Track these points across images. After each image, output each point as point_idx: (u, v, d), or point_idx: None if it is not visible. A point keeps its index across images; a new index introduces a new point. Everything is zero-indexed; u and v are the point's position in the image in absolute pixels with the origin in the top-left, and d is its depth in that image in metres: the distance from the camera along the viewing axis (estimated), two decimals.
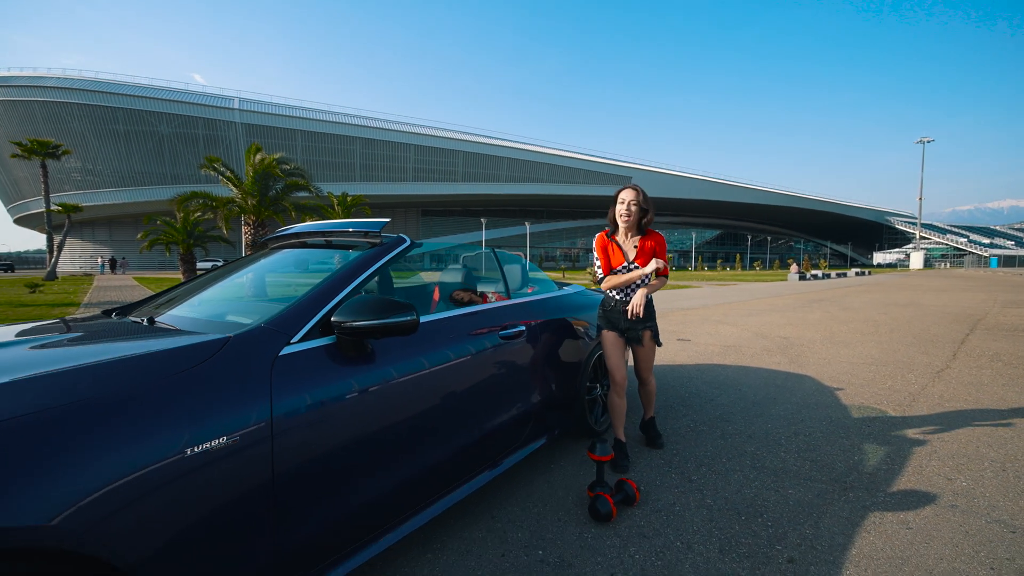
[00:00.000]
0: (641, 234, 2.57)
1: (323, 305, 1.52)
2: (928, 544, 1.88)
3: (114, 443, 1.00)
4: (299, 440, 1.31)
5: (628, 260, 2.54)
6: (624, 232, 2.58)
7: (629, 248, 2.56)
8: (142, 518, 1.00)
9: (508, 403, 2.20)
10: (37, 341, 1.45)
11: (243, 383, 1.23)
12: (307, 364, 1.39)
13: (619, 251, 2.57)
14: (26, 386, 1.01)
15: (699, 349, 6.10)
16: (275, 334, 1.38)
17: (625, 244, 2.58)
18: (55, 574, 0.93)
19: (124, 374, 1.11)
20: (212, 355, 1.23)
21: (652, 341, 2.58)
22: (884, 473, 2.52)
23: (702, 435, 3.08)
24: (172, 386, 1.12)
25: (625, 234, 2.58)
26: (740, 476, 2.49)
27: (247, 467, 1.19)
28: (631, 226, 2.56)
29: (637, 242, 2.55)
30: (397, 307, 1.50)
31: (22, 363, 1.19)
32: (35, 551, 0.89)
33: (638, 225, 2.57)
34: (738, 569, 1.74)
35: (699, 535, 1.96)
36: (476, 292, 2.60)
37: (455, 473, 1.90)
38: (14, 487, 0.87)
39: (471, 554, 1.84)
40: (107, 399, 1.03)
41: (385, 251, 1.89)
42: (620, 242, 2.59)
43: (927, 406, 3.69)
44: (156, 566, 1.02)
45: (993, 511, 2.13)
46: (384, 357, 1.61)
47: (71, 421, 0.97)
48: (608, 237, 2.62)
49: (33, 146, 29.59)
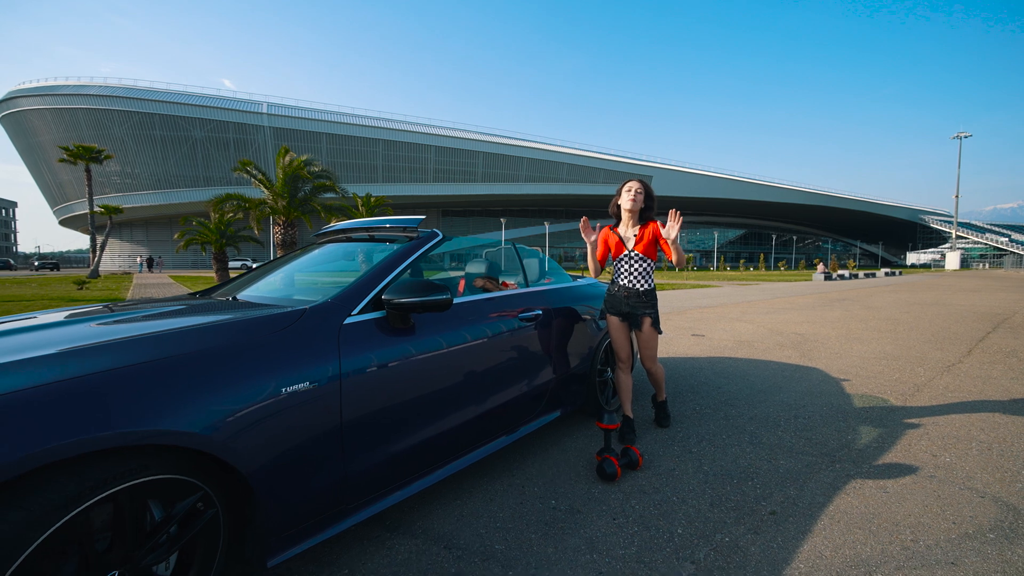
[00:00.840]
0: (641, 223, 2.82)
1: (375, 286, 1.86)
2: (900, 504, 2.11)
3: (230, 380, 1.35)
4: (359, 390, 1.64)
5: (628, 248, 2.79)
6: (626, 221, 2.83)
7: (629, 236, 2.80)
8: (253, 434, 1.35)
9: (525, 378, 2.50)
10: (162, 310, 1.84)
11: (319, 343, 1.57)
12: (364, 332, 1.73)
13: (619, 241, 2.82)
14: (175, 336, 1.37)
15: (712, 344, 6.28)
16: (339, 307, 1.72)
17: (625, 233, 2.82)
18: (202, 471, 1.29)
19: (241, 330, 1.47)
20: (295, 321, 1.58)
21: (652, 328, 2.81)
22: (873, 450, 2.73)
23: (706, 416, 3.33)
24: (272, 342, 1.47)
25: (627, 224, 2.84)
26: (737, 449, 2.74)
27: (324, 406, 1.53)
28: (635, 213, 2.80)
29: (637, 231, 2.79)
30: (435, 288, 1.82)
31: (162, 323, 1.56)
32: (189, 450, 1.24)
33: (640, 213, 2.82)
34: (725, 518, 2.00)
35: (693, 493, 2.22)
36: (497, 281, 2.91)
37: (477, 434, 2.21)
38: (170, 408, 1.22)
39: (494, 502, 2.15)
40: (231, 347, 1.39)
41: (421, 243, 2.23)
42: (621, 232, 2.84)
43: (930, 396, 3.84)
44: (264, 469, 1.36)
45: (969, 481, 2.34)
46: (423, 330, 1.94)
47: (208, 361, 1.32)
48: (611, 229, 2.89)
49: (79, 151, 31.29)
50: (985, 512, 2.05)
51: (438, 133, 58.99)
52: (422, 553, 1.77)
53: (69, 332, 1.52)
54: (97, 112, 48.06)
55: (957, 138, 69.07)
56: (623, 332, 2.85)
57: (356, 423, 1.63)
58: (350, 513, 1.66)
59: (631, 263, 2.78)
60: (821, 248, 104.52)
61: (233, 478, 1.38)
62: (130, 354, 1.26)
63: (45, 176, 53.96)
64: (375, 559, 1.74)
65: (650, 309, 2.78)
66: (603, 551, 1.78)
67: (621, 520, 1.99)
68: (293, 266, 2.65)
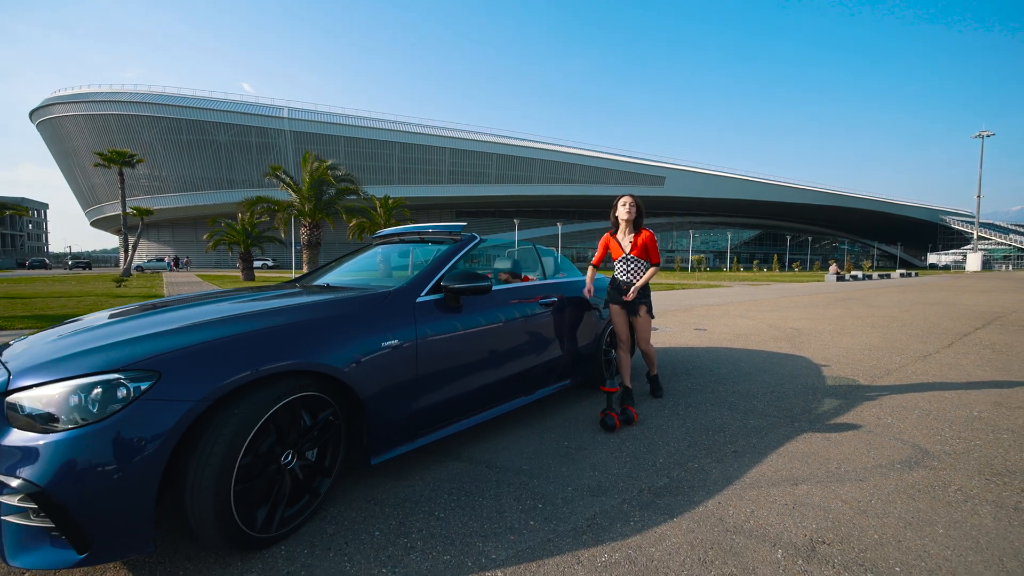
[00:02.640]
0: (635, 232, 3.42)
1: (435, 275, 2.54)
2: (836, 447, 2.71)
3: (354, 335, 2.03)
4: (427, 348, 2.31)
5: (625, 252, 3.38)
6: (623, 230, 3.44)
7: (626, 243, 3.39)
8: (366, 371, 2.03)
9: (544, 351, 3.15)
10: (292, 291, 2.56)
11: (403, 314, 2.25)
12: (430, 308, 2.40)
13: (618, 246, 3.43)
14: (317, 305, 2.07)
15: (712, 337, 6.85)
16: (413, 290, 2.40)
17: (623, 241, 3.42)
18: (333, 393, 1.97)
19: (356, 303, 2.17)
20: (386, 299, 2.27)
21: (647, 314, 3.40)
22: (829, 414, 3.32)
23: (696, 391, 3.94)
24: (374, 312, 2.16)
25: (624, 232, 3.44)
26: (716, 413, 3.35)
27: (406, 359, 2.20)
28: (630, 223, 3.40)
29: (632, 238, 3.39)
30: (479, 277, 2.49)
31: (303, 299, 2.27)
32: (333, 378, 1.93)
33: (634, 223, 3.42)
34: (697, 454, 2.63)
35: (675, 439, 2.85)
36: (519, 275, 3.56)
37: (506, 392, 2.86)
38: (317, 351, 1.90)
39: (520, 441, 2.81)
40: (352, 314, 2.09)
41: (465, 244, 2.90)
42: (619, 239, 3.44)
43: (896, 379, 4.39)
44: (371, 396, 2.04)
45: (900, 435, 2.92)
46: (468, 309, 2.61)
47: (339, 322, 2.02)
48: (611, 236, 3.49)
49: (113, 156, 32.83)
50: (901, 452, 2.64)
51: (452, 135, 59.98)
52: (470, 469, 2.44)
53: (245, 304, 2.23)
54: (127, 118, 50.12)
55: (979, 137, 67.69)
56: (623, 318, 3.48)
57: (426, 372, 2.30)
58: (421, 436, 2.34)
59: (627, 264, 3.39)
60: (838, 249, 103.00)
61: (351, 400, 2.06)
62: (295, 315, 1.96)
63: (78, 179, 56.32)
64: (436, 472, 2.41)
65: (644, 299, 3.40)
66: (602, 470, 2.42)
67: (617, 454, 2.64)
68: (358, 261, 3.36)
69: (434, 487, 2.25)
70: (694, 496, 2.15)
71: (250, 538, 1.67)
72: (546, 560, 1.70)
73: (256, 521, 1.70)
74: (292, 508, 1.85)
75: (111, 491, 1.42)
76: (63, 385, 1.48)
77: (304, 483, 1.89)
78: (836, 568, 1.64)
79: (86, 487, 1.39)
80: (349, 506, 2.08)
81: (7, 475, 1.39)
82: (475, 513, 2.01)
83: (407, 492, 2.20)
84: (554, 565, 1.67)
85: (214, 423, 1.59)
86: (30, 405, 1.47)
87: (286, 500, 1.82)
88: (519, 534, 1.85)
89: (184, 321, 1.86)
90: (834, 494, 2.16)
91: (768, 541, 1.80)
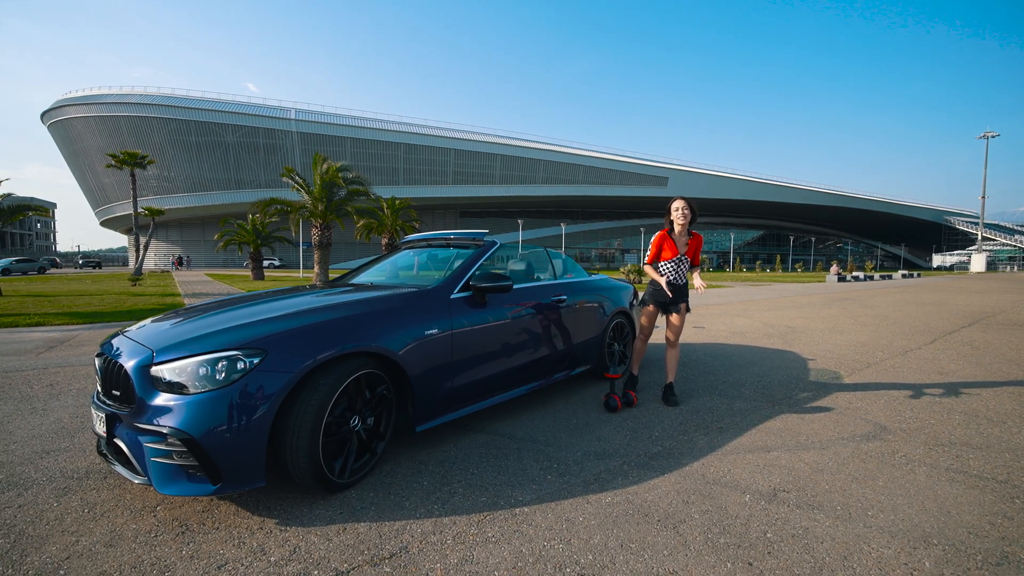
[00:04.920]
0: (689, 235, 3.71)
1: (465, 275, 2.99)
2: (808, 424, 3.15)
3: (403, 324, 2.49)
4: (460, 338, 2.77)
5: (680, 253, 3.64)
6: (680, 232, 3.67)
7: (682, 244, 3.65)
8: (413, 354, 2.48)
9: (556, 342, 3.60)
10: (344, 289, 3.03)
11: (440, 308, 2.71)
12: (462, 303, 2.86)
13: (674, 245, 3.63)
14: (374, 300, 2.54)
15: (709, 334, 7.28)
16: (447, 288, 2.86)
17: (679, 241, 3.66)
18: (387, 371, 2.42)
19: (402, 298, 2.64)
20: (426, 295, 2.73)
21: (685, 310, 3.71)
22: (807, 399, 3.76)
23: (691, 381, 4.38)
24: (418, 306, 2.62)
25: (680, 233, 3.68)
26: (707, 398, 3.80)
27: (444, 346, 2.66)
28: (686, 226, 3.63)
29: (687, 240, 3.67)
30: (502, 277, 2.95)
31: (359, 295, 2.73)
32: (388, 359, 2.39)
33: (690, 225, 3.69)
34: (687, 429, 3.08)
35: (669, 418, 3.30)
36: (533, 275, 4.01)
37: (524, 376, 3.32)
38: (377, 336, 2.36)
39: (535, 419, 3.27)
40: (400, 307, 2.55)
41: (487, 248, 3.36)
42: (676, 238, 3.66)
43: (875, 371, 4.81)
44: (417, 375, 2.50)
45: (866, 415, 3.36)
46: (492, 304, 3.06)
47: (391, 314, 2.48)
48: (668, 234, 3.69)
49: (125, 157, 33.50)
50: (864, 428, 3.08)
51: (457, 136, 60.52)
52: (495, 440, 2.90)
53: (318, 298, 2.68)
54: (137, 119, 50.91)
55: (984, 137, 67.68)
56: (654, 316, 3.73)
57: (459, 357, 2.76)
58: (456, 410, 2.80)
59: (680, 264, 3.62)
60: (842, 250, 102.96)
61: (400, 379, 2.51)
62: (360, 308, 2.43)
63: (88, 179, 57.18)
64: (467, 441, 2.87)
65: (687, 297, 3.72)
66: (606, 441, 2.88)
67: (619, 429, 3.09)
68: (392, 263, 3.83)
69: (467, 452, 2.71)
70: (682, 460, 2.60)
71: (333, 482, 2.13)
72: (562, 501, 2.15)
73: (335, 469, 2.16)
74: (358, 462, 2.31)
75: (236, 438, 1.88)
76: (197, 359, 1.94)
77: (366, 443, 2.35)
78: (791, 507, 2.09)
79: (219, 435, 1.86)
80: (399, 465, 2.54)
81: (159, 426, 1.86)
82: (503, 470, 2.47)
83: (444, 455, 2.66)
84: (568, 505, 2.12)
85: (306, 390, 2.06)
86: (170, 376, 1.94)
87: (355, 455, 2.28)
88: (539, 484, 2.31)
89: (274, 312, 2.33)
90: (798, 458, 2.60)
91: (739, 489, 2.25)
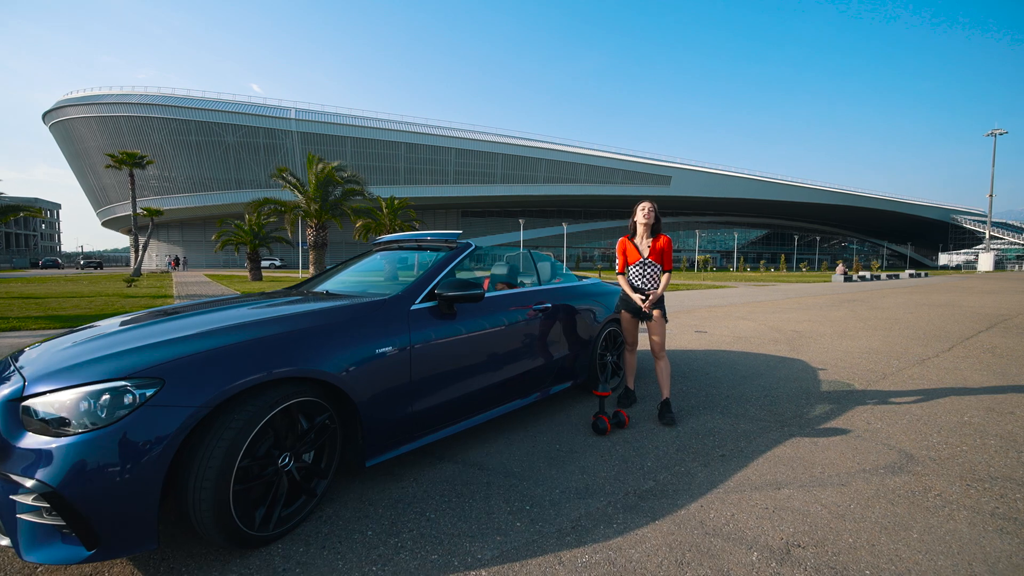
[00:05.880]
0: (653, 236, 3.44)
1: (430, 283, 2.62)
2: (823, 452, 2.76)
3: (349, 342, 2.12)
4: (421, 355, 2.39)
5: (643, 256, 3.38)
6: (641, 234, 3.43)
7: (644, 247, 3.40)
8: (361, 376, 2.11)
9: (538, 356, 3.22)
10: (293, 299, 2.66)
11: (397, 322, 2.34)
12: (424, 315, 2.49)
13: (635, 250, 3.42)
14: (314, 313, 2.16)
15: (712, 339, 6.88)
16: (408, 298, 2.49)
17: (641, 244, 3.41)
18: (329, 398, 2.05)
19: (352, 311, 2.26)
20: (382, 306, 2.35)
21: (661, 318, 3.35)
22: (820, 418, 3.37)
23: (690, 395, 3.99)
24: (370, 319, 2.25)
25: (642, 236, 3.43)
26: (708, 417, 3.41)
27: (400, 366, 2.29)
28: (648, 227, 3.39)
29: (650, 243, 3.39)
30: (472, 285, 2.57)
31: (303, 306, 2.36)
32: (330, 385, 2.02)
33: (652, 228, 3.42)
34: (684, 458, 2.69)
35: (665, 443, 2.92)
36: (515, 281, 3.64)
37: (500, 396, 2.94)
38: (314, 357, 1.99)
39: (513, 444, 2.89)
40: (348, 321, 2.17)
41: (460, 251, 2.98)
42: (637, 243, 3.43)
43: (892, 383, 4.41)
44: (366, 401, 2.13)
45: (887, 440, 2.96)
46: (462, 316, 2.69)
47: (335, 329, 2.10)
48: (628, 240, 3.49)
49: (124, 157, 33.34)
50: (886, 457, 2.69)
51: (458, 136, 60.14)
52: (463, 471, 2.52)
53: (248, 311, 2.32)
54: (138, 119, 50.81)
55: (992, 135, 66.73)
56: (634, 324, 3.47)
57: (420, 377, 2.39)
58: (415, 439, 2.43)
59: (645, 268, 3.36)
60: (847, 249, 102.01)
61: (347, 406, 2.15)
62: (293, 324, 2.05)
63: (90, 180, 57.17)
64: (430, 473, 2.50)
65: (658, 303, 3.38)
66: (590, 473, 2.50)
67: (607, 457, 2.71)
68: (359, 267, 3.45)
69: (426, 488, 2.33)
70: (677, 499, 2.22)
71: (248, 536, 1.76)
72: (529, 560, 1.77)
73: (254, 520, 1.79)
74: (289, 508, 1.94)
75: (118, 491, 1.51)
76: (74, 392, 1.58)
77: (301, 484, 1.98)
78: (808, 571, 1.70)
79: (94, 487, 1.49)
80: (344, 506, 2.17)
81: (22, 476, 1.50)
82: (464, 514, 2.09)
83: (400, 493, 2.29)
84: (536, 565, 1.74)
85: (214, 428, 1.69)
86: (43, 410, 1.58)
87: (283, 500, 1.91)
88: (505, 535, 1.93)
89: (187, 330, 1.96)
90: (814, 498, 2.22)
91: (745, 544, 1.87)
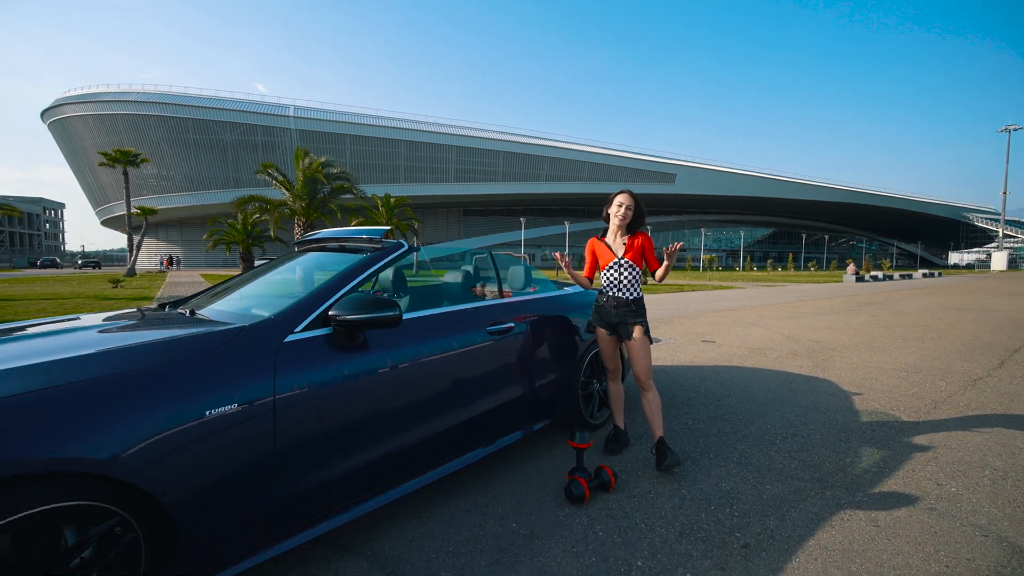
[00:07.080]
0: (630, 234, 2.71)
1: (323, 301, 1.82)
2: (889, 541, 1.94)
3: (153, 402, 1.32)
4: (296, 411, 1.60)
5: (618, 256, 2.68)
6: (614, 232, 2.74)
7: (618, 246, 2.70)
8: (170, 460, 1.32)
9: (493, 393, 2.41)
10: (109, 326, 1.85)
11: (251, 363, 1.53)
12: (307, 350, 1.69)
13: (607, 250, 2.72)
14: (85, 360, 1.36)
15: (721, 351, 6.05)
16: (281, 325, 1.69)
17: (614, 243, 2.72)
18: (120, 496, 1.26)
19: (161, 352, 1.44)
20: (231, 339, 1.55)
21: (644, 337, 2.63)
22: (872, 475, 2.54)
23: (697, 432, 3.18)
24: (197, 363, 1.44)
25: (615, 234, 2.74)
26: (722, 471, 2.59)
27: (254, 429, 1.49)
28: (622, 226, 2.71)
29: (626, 240, 2.69)
30: (383, 304, 1.77)
31: (90, 342, 1.56)
32: (100, 476, 1.22)
33: (629, 226, 2.72)
34: (692, 551, 1.88)
35: (664, 519, 2.11)
36: (483, 289, 2.84)
37: (436, 453, 2.14)
38: (84, 433, 1.20)
39: (453, 522, 2.09)
40: (148, 370, 1.36)
41: (384, 255, 2.18)
42: (609, 242, 2.74)
43: (947, 413, 3.58)
44: (182, 499, 1.33)
45: (973, 516, 2.14)
46: (377, 347, 1.89)
47: (121, 384, 1.30)
48: (598, 239, 2.79)
49: (118, 156, 32.84)
50: (986, 555, 1.86)
51: (460, 133, 59.34)
52: None
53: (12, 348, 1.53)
54: (135, 117, 50.35)
55: (1005, 131, 65.21)
56: (612, 345, 2.74)
57: (294, 445, 1.59)
58: (295, 533, 1.63)
59: (620, 271, 2.66)
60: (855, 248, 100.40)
61: (155, 502, 1.36)
62: (45, 377, 1.25)
63: (88, 179, 56.86)
64: None
65: (640, 317, 2.65)
66: None
67: (580, 549, 1.90)
68: (265, 277, 2.64)
69: None
70: None
71: None
72: None
73: None
74: None
75: None
76: None
77: None
78: None
79: None
80: None
81: None
82: None
83: None
84: None
85: None
86: None
87: None
88: None
89: None
90: None
91: None
